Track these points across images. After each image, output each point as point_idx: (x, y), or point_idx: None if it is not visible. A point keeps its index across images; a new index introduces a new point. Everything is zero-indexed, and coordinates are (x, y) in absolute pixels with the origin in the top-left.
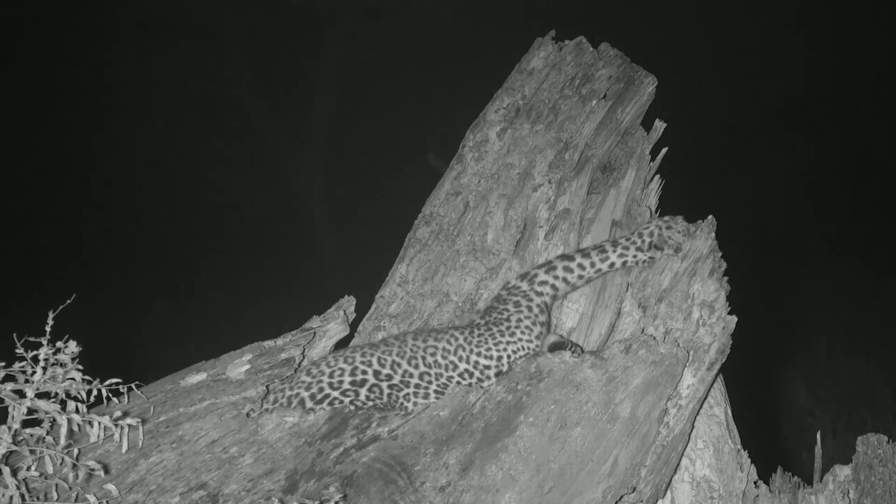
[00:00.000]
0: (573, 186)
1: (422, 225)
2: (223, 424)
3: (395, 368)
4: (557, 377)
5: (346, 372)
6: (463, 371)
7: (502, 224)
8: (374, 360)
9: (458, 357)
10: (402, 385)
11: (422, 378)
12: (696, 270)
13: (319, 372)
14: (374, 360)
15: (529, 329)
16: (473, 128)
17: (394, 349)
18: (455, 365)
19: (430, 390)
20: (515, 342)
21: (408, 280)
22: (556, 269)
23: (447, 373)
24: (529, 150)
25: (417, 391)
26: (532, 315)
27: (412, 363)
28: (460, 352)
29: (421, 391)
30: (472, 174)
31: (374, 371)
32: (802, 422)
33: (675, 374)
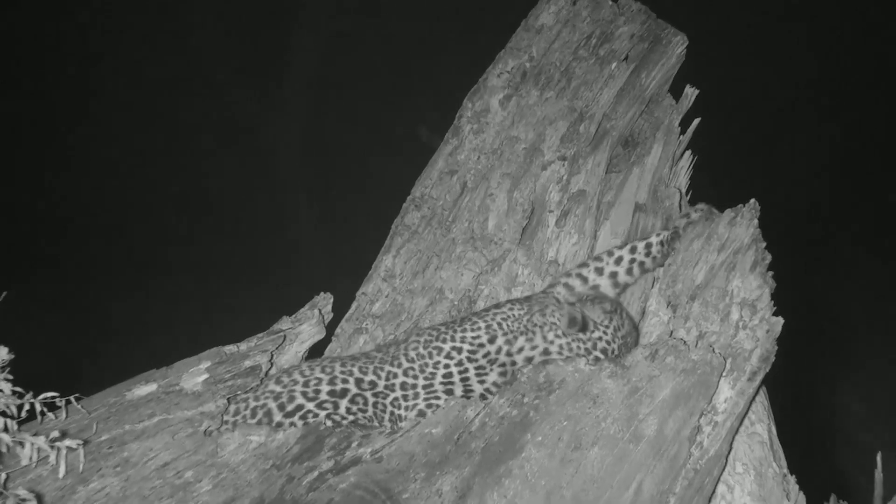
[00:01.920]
0: (589, 164)
1: (411, 209)
2: (176, 444)
3: (378, 373)
4: (570, 388)
5: (323, 381)
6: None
7: (506, 208)
8: (355, 368)
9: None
10: (387, 390)
11: (406, 374)
12: (736, 264)
13: (292, 381)
14: (356, 369)
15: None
16: (472, 95)
17: (377, 357)
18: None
19: (418, 388)
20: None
21: (395, 274)
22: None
23: (432, 365)
24: (538, 121)
25: (406, 393)
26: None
27: (395, 363)
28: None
29: (409, 392)
30: (471, 150)
31: (357, 380)
32: (859, 440)
33: (709, 386)
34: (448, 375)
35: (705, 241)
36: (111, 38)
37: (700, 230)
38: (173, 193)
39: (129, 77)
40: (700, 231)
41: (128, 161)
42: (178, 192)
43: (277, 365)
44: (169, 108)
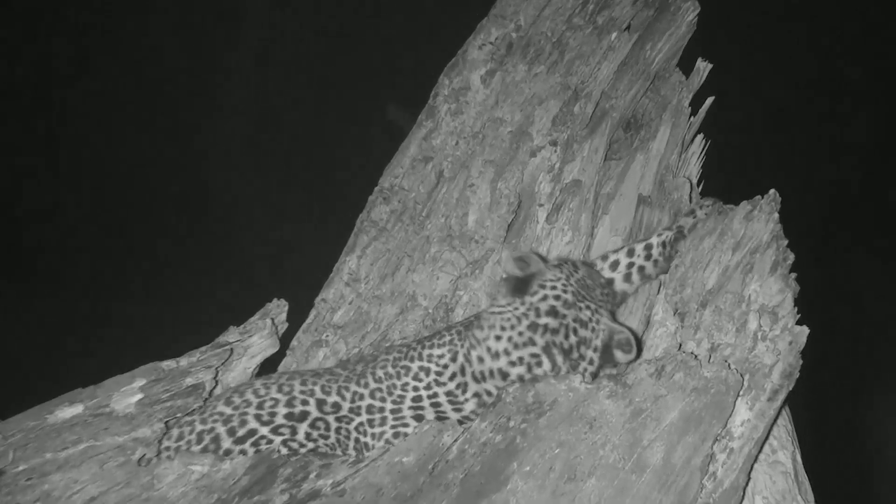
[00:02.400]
0: (585, 150)
1: (379, 203)
2: (105, 475)
3: (342, 393)
4: (563, 410)
5: (280, 402)
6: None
7: (488, 201)
8: (317, 388)
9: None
10: (352, 414)
11: (374, 396)
12: (753, 264)
13: (244, 402)
14: (318, 388)
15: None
16: (449, 70)
17: (342, 375)
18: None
19: (386, 412)
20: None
21: (359, 278)
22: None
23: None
24: (526, 100)
25: (372, 417)
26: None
27: (362, 382)
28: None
29: (376, 416)
30: (448, 133)
31: (318, 401)
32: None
33: (724, 407)
34: (417, 399)
35: (717, 238)
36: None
37: (711, 226)
38: (100, 191)
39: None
40: (711, 227)
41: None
42: (108, 190)
43: (223, 383)
44: (112, 102)
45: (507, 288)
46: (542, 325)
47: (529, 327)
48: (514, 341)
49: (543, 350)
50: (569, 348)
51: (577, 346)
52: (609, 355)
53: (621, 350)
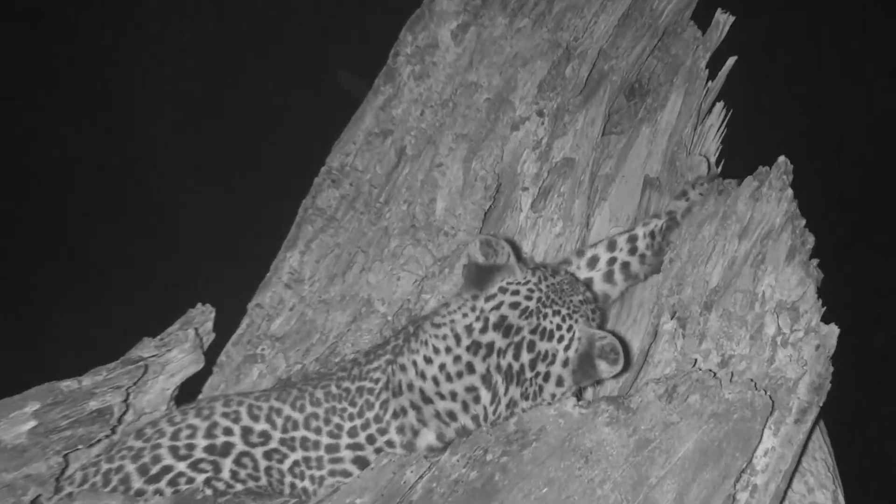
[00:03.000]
0: (579, 121)
1: (327, 186)
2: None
3: (272, 418)
4: (553, 441)
5: (199, 431)
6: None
7: (461, 184)
8: (243, 409)
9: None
10: (285, 447)
11: (308, 425)
12: (765, 254)
13: (157, 433)
14: (244, 411)
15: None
16: (413, 24)
17: (271, 395)
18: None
19: (321, 449)
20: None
21: (302, 278)
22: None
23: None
24: (506, 60)
25: (308, 455)
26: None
27: (297, 405)
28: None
29: (312, 454)
30: (411, 102)
31: (244, 429)
32: None
33: (749, 437)
34: (353, 432)
35: (719, 224)
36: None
37: (711, 209)
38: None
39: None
40: (711, 211)
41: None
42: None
43: (136, 407)
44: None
45: (467, 278)
46: (485, 345)
47: (469, 348)
48: (446, 370)
49: (482, 380)
50: (519, 369)
51: (531, 364)
52: (589, 369)
53: (605, 360)
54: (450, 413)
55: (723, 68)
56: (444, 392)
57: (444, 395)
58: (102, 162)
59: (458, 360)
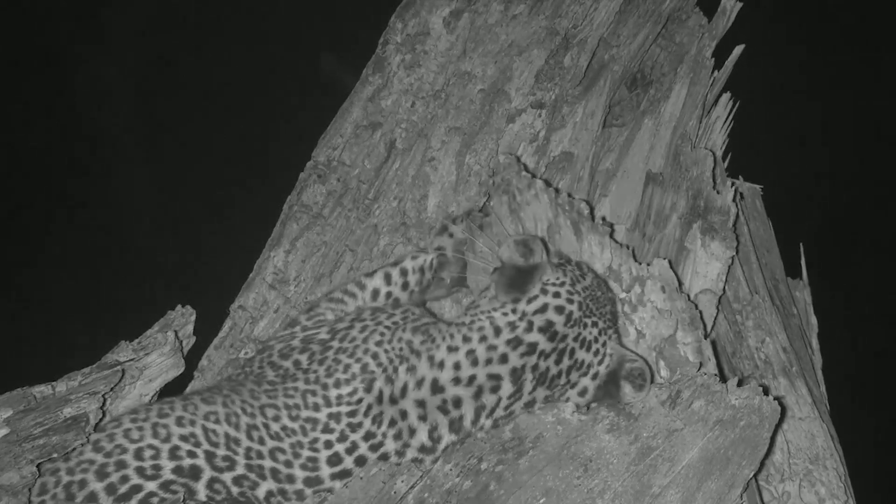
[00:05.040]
0: (579, 114)
1: (312, 181)
2: None
3: (232, 447)
4: (551, 449)
5: (162, 453)
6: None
7: (454, 179)
8: (197, 430)
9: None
10: (255, 475)
11: (275, 457)
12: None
13: (117, 448)
14: (200, 433)
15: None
16: (403, 10)
17: (219, 410)
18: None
19: (297, 482)
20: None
21: (288, 278)
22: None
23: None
24: (502, 49)
25: (283, 486)
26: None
27: (255, 436)
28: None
29: (287, 486)
30: (401, 92)
31: (207, 453)
32: None
33: (757, 445)
34: (335, 461)
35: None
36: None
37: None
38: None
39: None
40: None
41: None
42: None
43: (113, 414)
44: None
45: (502, 281)
46: (527, 343)
47: (510, 342)
48: (475, 355)
49: (510, 373)
50: (556, 374)
51: (567, 371)
52: (612, 388)
53: (631, 384)
54: (456, 401)
55: (730, 57)
56: (463, 377)
57: (460, 379)
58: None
59: (493, 349)
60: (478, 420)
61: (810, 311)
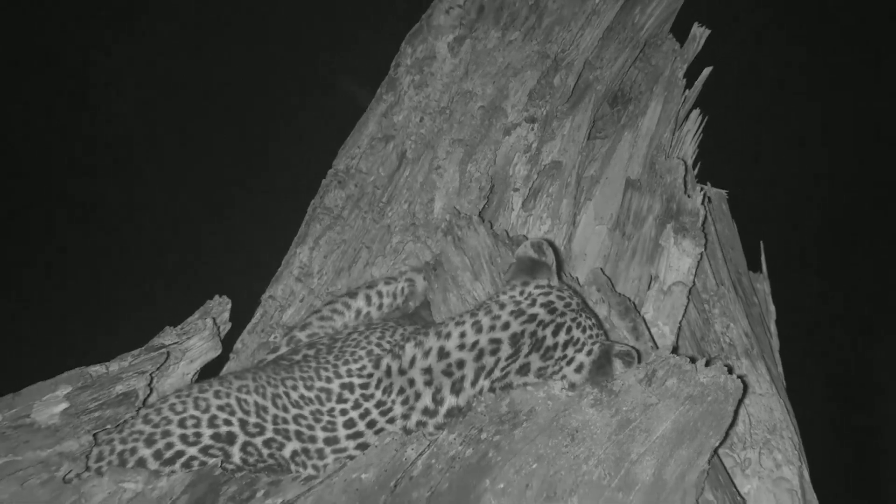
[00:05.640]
0: (566, 127)
1: (333, 187)
2: (27, 494)
3: (262, 415)
4: (542, 421)
5: (202, 422)
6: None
7: (457, 185)
8: (232, 401)
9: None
10: (281, 437)
11: (299, 422)
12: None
13: (163, 420)
14: (235, 403)
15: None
16: (412, 37)
17: (249, 384)
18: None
19: (318, 441)
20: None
21: (312, 272)
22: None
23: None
24: (499, 71)
25: (306, 446)
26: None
27: (279, 404)
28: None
29: (310, 445)
30: (411, 109)
31: (241, 420)
32: None
33: (722, 417)
34: (350, 425)
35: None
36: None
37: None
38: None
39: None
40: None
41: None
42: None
43: (159, 391)
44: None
45: (517, 269)
46: (528, 314)
47: (513, 313)
48: (479, 325)
49: (510, 337)
50: (552, 345)
51: (563, 345)
52: (605, 364)
53: (622, 361)
54: (459, 363)
55: (699, 78)
56: (467, 343)
57: (464, 345)
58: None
59: (497, 319)
60: (477, 381)
61: (769, 300)
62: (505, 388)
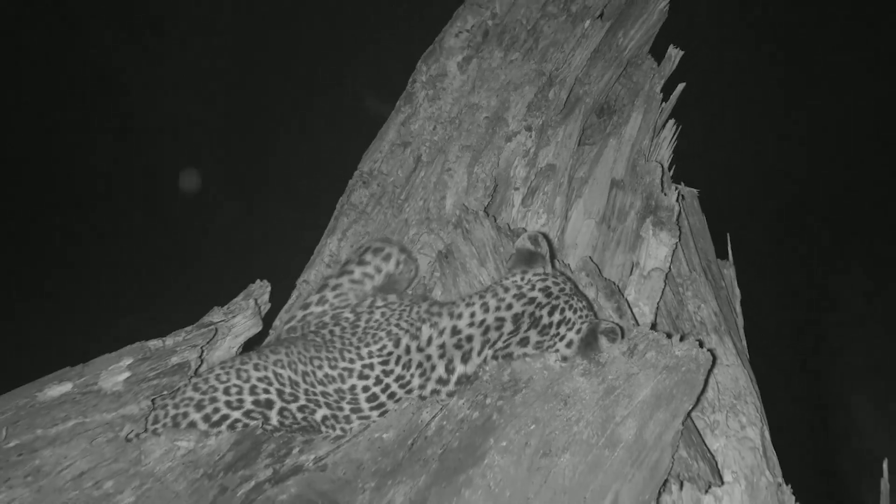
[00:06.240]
0: (560, 135)
1: (358, 186)
2: (95, 451)
3: (295, 388)
4: (538, 388)
5: (244, 390)
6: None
7: (465, 185)
8: (270, 374)
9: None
10: (312, 405)
11: (328, 398)
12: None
13: (210, 388)
14: (272, 375)
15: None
16: (427, 57)
17: (283, 359)
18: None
19: (346, 411)
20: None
21: (340, 260)
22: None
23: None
24: (501, 86)
25: (335, 413)
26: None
27: (307, 380)
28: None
29: (339, 413)
30: (425, 119)
31: (277, 390)
32: (863, 447)
33: (694, 385)
34: (373, 398)
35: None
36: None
37: None
38: (76, 176)
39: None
40: None
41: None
42: (82, 173)
43: (209, 362)
44: (52, 84)
45: (517, 260)
46: (528, 297)
47: (516, 296)
48: (487, 306)
49: (512, 317)
50: (547, 324)
51: (557, 324)
52: (593, 341)
53: (606, 337)
54: (469, 337)
55: (674, 92)
56: (476, 321)
57: (473, 323)
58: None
59: (502, 301)
60: (482, 350)
61: (734, 283)
62: (507, 356)
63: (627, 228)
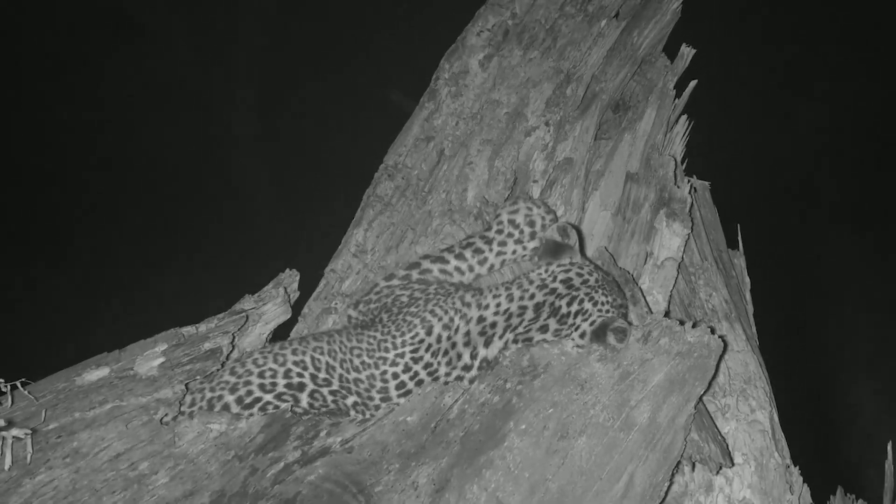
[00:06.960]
0: (577, 130)
1: (384, 179)
2: (130, 433)
3: (330, 373)
4: (556, 373)
5: (278, 373)
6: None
7: (486, 178)
8: (307, 358)
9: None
10: (344, 390)
11: (358, 385)
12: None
13: (246, 371)
14: (308, 360)
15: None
16: (450, 55)
17: (324, 346)
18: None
19: (376, 401)
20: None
21: (366, 249)
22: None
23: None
24: (521, 83)
25: (366, 401)
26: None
27: (344, 366)
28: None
29: (369, 402)
30: (448, 114)
31: (311, 375)
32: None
33: (706, 370)
34: (401, 386)
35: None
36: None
37: None
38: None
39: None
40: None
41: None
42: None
43: (240, 348)
44: (96, 68)
45: (544, 251)
46: (549, 287)
47: (539, 287)
48: (511, 295)
49: (534, 306)
50: (566, 313)
51: (574, 314)
52: (602, 335)
53: (615, 335)
54: (493, 324)
55: (686, 89)
56: (501, 310)
57: (499, 312)
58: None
59: (525, 291)
60: (504, 334)
61: (745, 272)
62: (527, 341)
63: (642, 220)
